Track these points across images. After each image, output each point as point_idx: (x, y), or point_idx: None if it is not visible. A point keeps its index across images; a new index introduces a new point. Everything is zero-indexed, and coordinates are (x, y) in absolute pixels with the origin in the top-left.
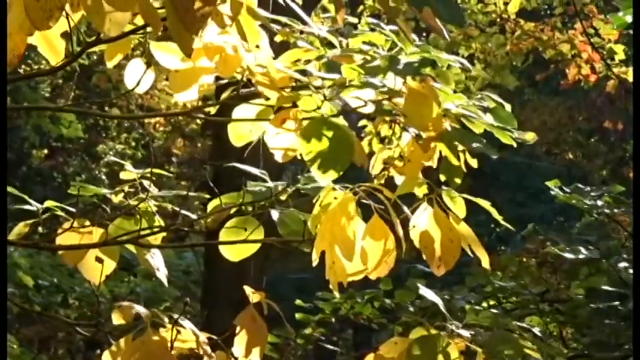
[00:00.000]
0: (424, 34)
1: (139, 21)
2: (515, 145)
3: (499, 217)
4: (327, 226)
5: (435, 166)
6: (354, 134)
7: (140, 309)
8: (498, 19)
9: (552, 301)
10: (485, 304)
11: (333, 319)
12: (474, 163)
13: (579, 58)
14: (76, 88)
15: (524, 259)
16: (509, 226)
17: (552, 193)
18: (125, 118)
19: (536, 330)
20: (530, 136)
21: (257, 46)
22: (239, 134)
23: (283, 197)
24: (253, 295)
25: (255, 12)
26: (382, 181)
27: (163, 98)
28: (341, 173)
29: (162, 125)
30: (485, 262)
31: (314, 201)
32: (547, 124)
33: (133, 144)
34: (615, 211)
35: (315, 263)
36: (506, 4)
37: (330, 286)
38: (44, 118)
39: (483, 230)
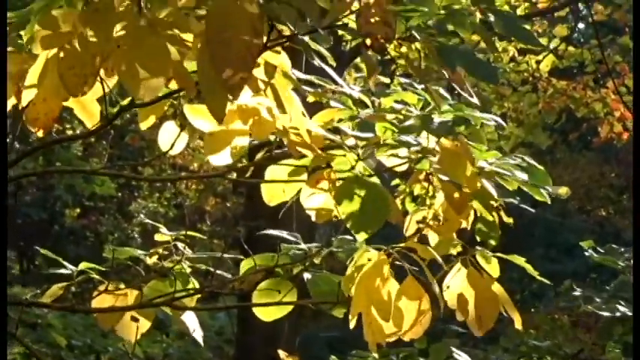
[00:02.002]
0: (456, 92)
1: (174, 84)
2: (549, 201)
3: (535, 273)
4: (363, 288)
5: (468, 227)
6: (389, 193)
7: None
8: (531, 78)
9: None
10: None
11: None
12: (509, 221)
13: (611, 116)
14: (109, 147)
15: (557, 317)
16: (546, 280)
17: (586, 253)
18: (158, 180)
19: None
20: (563, 191)
21: (291, 109)
22: (272, 194)
23: (317, 260)
24: (287, 358)
25: (289, 76)
26: (415, 241)
27: (196, 157)
28: (374, 231)
29: (194, 184)
30: (518, 323)
31: (347, 262)
32: (579, 180)
33: (166, 203)
34: None
35: (352, 324)
36: (538, 62)
37: (369, 347)
38: (77, 177)
39: (516, 287)
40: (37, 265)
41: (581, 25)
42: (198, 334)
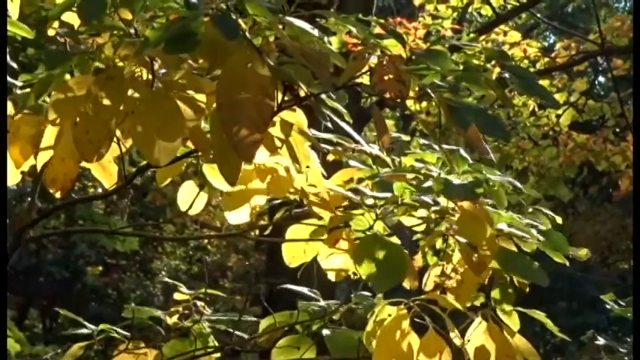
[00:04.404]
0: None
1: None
2: (567, 263)
3: (555, 329)
4: (384, 342)
5: (485, 282)
6: (406, 253)
7: None
8: (551, 132)
9: None
10: None
11: None
12: (525, 282)
13: (632, 169)
14: (131, 204)
15: None
16: (564, 336)
17: (608, 306)
18: (179, 240)
19: None
20: (582, 253)
21: (308, 166)
22: (293, 254)
23: (336, 317)
24: None
25: (306, 133)
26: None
27: (218, 215)
28: (391, 287)
29: (216, 240)
30: None
31: (368, 316)
32: (600, 233)
33: (188, 259)
34: None
35: None
36: (558, 116)
37: None
38: (99, 233)
39: (539, 341)
40: (60, 324)
41: (600, 79)
42: None
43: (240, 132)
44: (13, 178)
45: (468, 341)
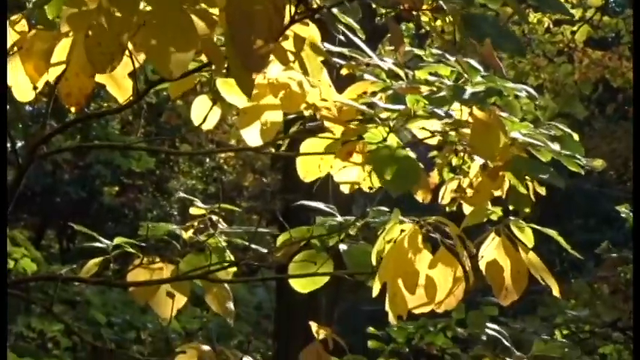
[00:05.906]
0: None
1: (205, 57)
2: (583, 172)
3: (567, 246)
4: (391, 258)
5: (503, 196)
6: (420, 166)
7: (206, 348)
8: (566, 49)
9: (625, 330)
10: (558, 333)
11: (407, 349)
12: (542, 191)
13: None
14: (146, 124)
15: (597, 286)
16: (577, 255)
17: (623, 216)
18: (194, 154)
19: None
20: (598, 164)
21: (320, 81)
22: (307, 170)
23: (352, 232)
24: (319, 330)
25: (318, 48)
26: (453, 208)
27: (233, 133)
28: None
29: (232, 159)
30: (556, 291)
31: (378, 234)
32: (616, 151)
33: (204, 179)
34: None
35: (375, 294)
36: (573, 33)
37: (390, 318)
38: (115, 153)
39: (555, 257)
40: (77, 244)
41: None
42: (230, 313)
43: (250, 45)
44: (26, 95)
45: (482, 257)
